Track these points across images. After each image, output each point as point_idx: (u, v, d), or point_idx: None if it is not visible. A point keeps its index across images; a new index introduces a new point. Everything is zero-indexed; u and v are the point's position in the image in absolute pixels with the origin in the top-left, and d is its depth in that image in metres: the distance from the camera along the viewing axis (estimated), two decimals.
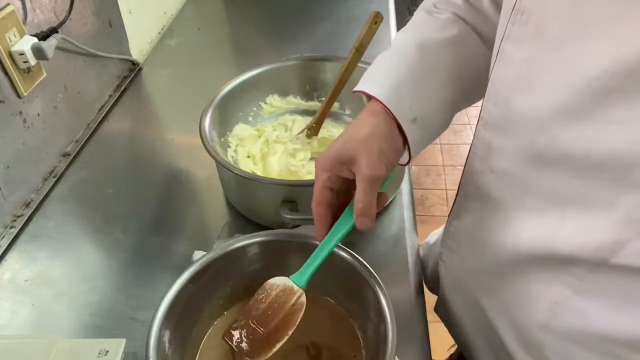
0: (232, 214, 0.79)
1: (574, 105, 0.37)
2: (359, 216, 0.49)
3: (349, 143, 0.49)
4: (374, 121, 0.51)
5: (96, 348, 0.56)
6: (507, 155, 0.46)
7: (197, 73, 1.15)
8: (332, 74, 0.89)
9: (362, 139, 0.49)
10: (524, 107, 0.43)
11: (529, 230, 0.45)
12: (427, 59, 0.54)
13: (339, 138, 0.51)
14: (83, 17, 0.95)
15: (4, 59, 0.74)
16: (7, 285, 0.70)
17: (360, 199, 0.48)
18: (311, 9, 1.35)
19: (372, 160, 0.48)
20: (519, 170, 0.45)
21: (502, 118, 0.46)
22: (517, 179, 0.46)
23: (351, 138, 0.50)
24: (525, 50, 0.42)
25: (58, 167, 0.89)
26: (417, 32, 0.57)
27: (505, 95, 0.45)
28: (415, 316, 0.63)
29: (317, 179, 0.50)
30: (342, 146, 0.49)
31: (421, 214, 2.07)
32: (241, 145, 0.85)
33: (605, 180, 0.38)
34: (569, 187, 0.41)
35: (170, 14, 1.36)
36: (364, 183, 0.48)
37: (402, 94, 0.51)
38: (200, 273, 0.55)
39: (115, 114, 1.03)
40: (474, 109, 0.56)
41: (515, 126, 0.44)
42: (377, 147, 0.49)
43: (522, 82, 0.43)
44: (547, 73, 0.40)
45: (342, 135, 0.51)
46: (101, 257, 0.74)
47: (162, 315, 0.51)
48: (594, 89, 0.36)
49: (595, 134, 0.37)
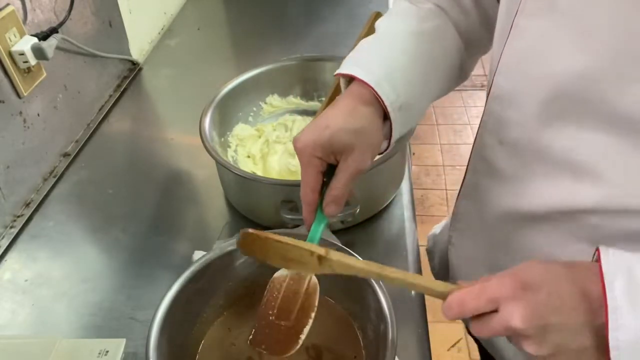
0: (232, 214, 0.79)
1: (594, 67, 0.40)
2: (331, 203, 0.49)
3: (343, 133, 0.49)
4: (367, 111, 0.50)
5: (96, 348, 0.56)
6: (517, 126, 0.49)
7: (197, 73, 1.15)
8: (332, 74, 0.88)
9: (356, 131, 0.49)
10: (538, 75, 0.45)
11: (542, 194, 0.48)
12: (414, 48, 0.55)
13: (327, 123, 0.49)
14: (83, 17, 0.95)
15: (4, 59, 0.74)
16: (7, 285, 0.70)
17: (338, 187, 0.49)
18: (311, 9, 1.35)
19: (363, 155, 0.49)
20: (529, 138, 0.48)
21: (513, 89, 0.49)
22: (526, 148, 0.49)
23: (344, 128, 0.49)
24: (539, 21, 0.44)
25: (58, 167, 0.89)
26: (401, 21, 0.58)
27: (518, 66, 0.48)
28: (415, 316, 0.63)
29: (309, 165, 0.49)
30: (335, 135, 0.49)
31: (421, 214, 2.07)
32: (241, 145, 0.85)
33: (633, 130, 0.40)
34: (585, 147, 0.44)
35: (170, 14, 1.36)
36: (348, 174, 0.49)
37: (393, 81, 0.52)
38: (200, 273, 0.55)
39: (115, 114, 1.03)
40: (474, 109, 0.57)
41: (527, 95, 0.47)
42: (369, 141, 0.50)
43: (536, 52, 0.45)
44: (561, 40, 0.42)
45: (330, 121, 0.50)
46: (101, 257, 0.74)
47: (162, 315, 0.51)
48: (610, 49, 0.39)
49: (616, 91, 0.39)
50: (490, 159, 0.55)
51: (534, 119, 0.47)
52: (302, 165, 0.50)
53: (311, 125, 0.51)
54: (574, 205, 0.46)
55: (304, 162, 0.49)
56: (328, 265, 0.47)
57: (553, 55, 0.44)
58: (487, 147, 0.55)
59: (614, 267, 0.34)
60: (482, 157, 0.56)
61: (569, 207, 0.47)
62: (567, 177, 0.46)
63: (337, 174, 0.49)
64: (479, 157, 0.57)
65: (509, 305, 0.36)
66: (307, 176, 0.50)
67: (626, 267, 0.34)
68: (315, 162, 0.49)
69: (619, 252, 0.36)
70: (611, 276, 0.34)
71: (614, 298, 0.33)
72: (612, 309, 0.33)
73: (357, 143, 0.48)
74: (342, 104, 0.51)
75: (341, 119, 0.49)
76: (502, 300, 0.36)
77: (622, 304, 0.33)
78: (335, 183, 0.49)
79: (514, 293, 0.36)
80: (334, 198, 0.49)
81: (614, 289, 0.33)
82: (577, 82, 0.42)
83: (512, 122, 0.50)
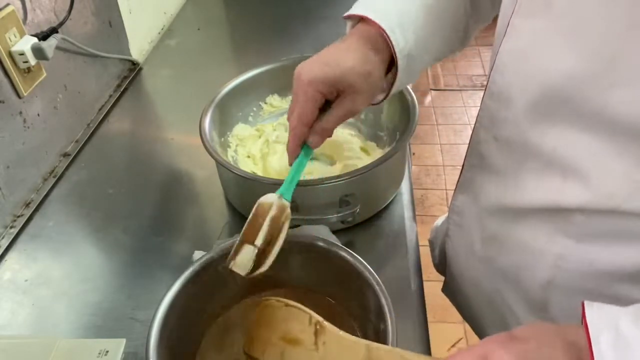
0: (232, 214, 0.79)
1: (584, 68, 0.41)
2: (318, 134, 0.51)
3: (352, 74, 0.50)
4: (375, 59, 0.52)
5: (96, 348, 0.56)
6: (510, 123, 0.50)
7: (197, 73, 1.15)
8: None
9: (364, 74, 0.50)
10: (530, 73, 0.46)
11: (532, 191, 0.50)
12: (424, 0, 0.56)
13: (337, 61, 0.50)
14: (83, 17, 0.95)
15: (4, 59, 0.74)
16: (7, 285, 0.70)
17: (330, 122, 0.51)
18: (311, 9, 1.35)
19: (363, 98, 0.51)
20: (520, 136, 0.49)
21: (506, 87, 0.50)
22: (518, 145, 0.50)
23: (354, 69, 0.50)
24: (533, 21, 0.45)
25: (58, 167, 0.89)
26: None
27: (512, 64, 0.49)
28: (415, 316, 0.63)
29: (310, 99, 0.50)
30: (345, 74, 0.50)
31: (421, 214, 2.07)
32: (241, 145, 0.85)
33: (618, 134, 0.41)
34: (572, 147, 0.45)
35: (170, 14, 1.36)
36: (344, 113, 0.51)
37: (404, 29, 0.52)
38: (200, 273, 0.55)
39: (115, 114, 1.03)
40: (474, 109, 0.58)
41: (519, 93, 0.48)
42: (372, 87, 0.52)
43: (529, 51, 0.46)
44: (553, 40, 0.44)
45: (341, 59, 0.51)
46: (101, 257, 0.74)
47: (162, 315, 0.51)
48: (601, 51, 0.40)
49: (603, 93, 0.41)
50: (485, 155, 0.56)
51: (525, 117, 0.48)
52: (302, 97, 0.50)
53: (318, 60, 0.52)
54: (561, 203, 0.47)
55: (306, 95, 0.50)
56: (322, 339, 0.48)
57: (545, 55, 0.45)
58: (482, 143, 0.56)
59: (599, 322, 0.34)
60: (478, 152, 0.57)
61: (556, 205, 0.48)
62: (557, 176, 0.47)
63: (333, 110, 0.51)
64: (474, 152, 0.58)
65: (497, 352, 0.35)
66: (305, 109, 0.51)
67: (612, 322, 0.34)
68: (317, 97, 0.50)
69: (605, 306, 0.36)
70: (596, 331, 0.34)
71: (600, 351, 0.33)
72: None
73: (362, 86, 0.50)
74: (352, 45, 0.52)
75: (351, 59, 0.51)
76: (491, 353, 0.36)
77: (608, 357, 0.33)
78: (329, 117, 0.51)
79: (504, 344, 0.36)
80: (323, 131, 0.51)
81: (599, 343, 0.33)
82: (566, 83, 0.43)
83: (505, 119, 0.51)
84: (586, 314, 0.35)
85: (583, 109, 0.43)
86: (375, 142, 0.86)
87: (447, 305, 0.77)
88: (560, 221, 0.48)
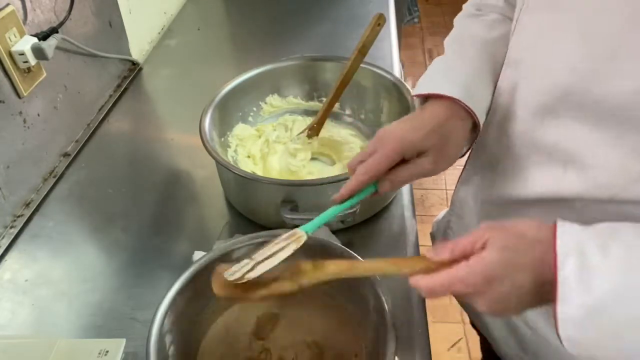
0: (232, 214, 0.79)
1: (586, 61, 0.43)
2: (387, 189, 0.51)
3: (435, 135, 0.51)
4: (460, 124, 0.53)
5: (96, 348, 0.56)
6: (517, 117, 0.52)
7: (197, 73, 1.15)
8: (332, 74, 0.89)
9: (446, 135, 0.51)
10: (536, 68, 0.48)
11: (535, 182, 0.51)
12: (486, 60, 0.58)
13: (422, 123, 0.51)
14: (83, 17, 0.95)
15: (4, 59, 0.74)
16: (7, 285, 0.70)
17: (403, 179, 0.51)
18: (311, 9, 1.35)
19: (446, 162, 0.52)
20: (527, 130, 0.51)
21: (515, 82, 0.52)
22: (524, 139, 0.52)
23: (438, 131, 0.51)
24: (540, 16, 0.48)
25: (58, 167, 0.89)
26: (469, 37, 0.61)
27: (520, 59, 0.51)
28: (415, 316, 0.63)
29: (387, 158, 0.50)
30: (428, 135, 0.51)
31: (421, 214, 2.07)
32: (241, 145, 0.85)
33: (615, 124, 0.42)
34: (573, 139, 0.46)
35: (170, 14, 1.36)
36: (419, 173, 0.51)
37: (475, 96, 0.54)
38: (200, 273, 0.55)
39: (115, 114, 1.03)
40: None
41: (526, 87, 0.50)
42: (453, 150, 0.52)
43: (535, 46, 0.49)
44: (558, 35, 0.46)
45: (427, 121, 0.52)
46: (101, 257, 0.74)
47: (162, 315, 0.51)
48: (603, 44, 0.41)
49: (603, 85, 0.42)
50: (490, 148, 0.58)
51: (531, 110, 0.50)
52: (379, 153, 0.50)
53: (402, 123, 0.53)
54: (562, 193, 0.49)
55: (386, 153, 0.50)
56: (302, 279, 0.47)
57: (550, 50, 0.47)
58: (490, 139, 0.58)
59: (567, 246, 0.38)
60: (485, 147, 0.59)
61: (557, 195, 0.49)
62: (558, 168, 0.48)
63: (410, 165, 0.51)
64: (482, 148, 0.60)
65: (475, 297, 0.41)
66: (379, 165, 0.50)
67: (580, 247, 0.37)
68: (395, 158, 0.50)
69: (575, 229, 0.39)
70: (563, 255, 0.37)
71: (564, 276, 0.37)
72: (561, 285, 0.37)
73: (443, 147, 0.51)
74: (437, 111, 0.53)
75: (437, 122, 0.52)
76: (470, 295, 0.41)
77: (571, 282, 0.36)
78: (404, 172, 0.51)
79: (481, 289, 0.40)
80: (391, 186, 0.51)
81: (564, 268, 0.37)
82: (570, 76, 0.45)
83: (513, 113, 0.53)
84: (557, 237, 0.38)
85: (584, 101, 0.44)
86: None
87: (447, 305, 0.77)
88: (559, 209, 0.49)
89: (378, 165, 0.50)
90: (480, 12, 0.63)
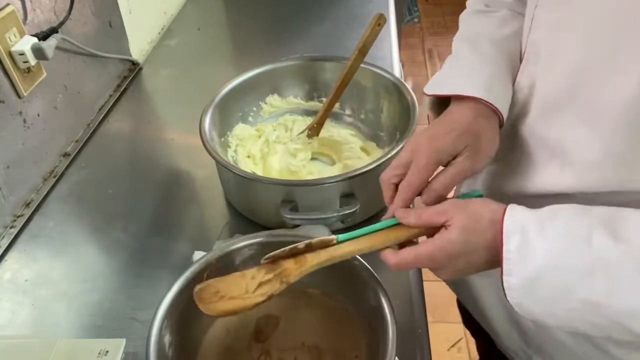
0: (232, 214, 0.79)
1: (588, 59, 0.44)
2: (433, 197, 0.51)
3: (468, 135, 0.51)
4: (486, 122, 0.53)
5: (96, 348, 0.56)
6: (526, 114, 0.53)
7: (197, 73, 1.15)
8: (332, 74, 0.89)
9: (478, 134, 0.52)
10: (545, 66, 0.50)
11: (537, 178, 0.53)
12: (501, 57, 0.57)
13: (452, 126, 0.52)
14: (83, 17, 0.95)
15: (4, 59, 0.74)
16: (7, 285, 0.70)
17: (445, 183, 0.51)
18: (311, 9, 1.35)
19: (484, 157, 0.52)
20: (538, 126, 0.52)
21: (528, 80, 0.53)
22: (530, 137, 0.53)
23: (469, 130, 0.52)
24: (553, 14, 0.48)
25: (58, 167, 0.89)
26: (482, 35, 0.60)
27: (533, 57, 0.52)
28: (415, 316, 0.63)
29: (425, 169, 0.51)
30: (461, 136, 0.51)
31: None
32: (241, 145, 0.85)
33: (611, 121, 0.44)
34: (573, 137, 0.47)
35: (170, 14, 1.36)
36: (459, 173, 0.51)
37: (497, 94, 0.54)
38: (200, 273, 0.55)
39: (115, 114, 1.03)
40: None
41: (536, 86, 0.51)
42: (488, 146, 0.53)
43: (546, 44, 0.50)
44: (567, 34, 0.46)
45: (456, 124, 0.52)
46: (101, 257, 0.74)
47: (162, 315, 0.51)
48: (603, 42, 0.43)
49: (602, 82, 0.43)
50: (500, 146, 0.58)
51: (543, 107, 0.51)
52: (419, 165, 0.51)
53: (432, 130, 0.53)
54: (562, 188, 0.50)
55: (424, 165, 0.51)
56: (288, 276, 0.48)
57: (558, 48, 0.48)
58: None
59: (512, 227, 0.43)
60: None
61: (558, 189, 0.51)
62: (558, 164, 0.50)
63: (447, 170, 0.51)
64: None
65: (437, 270, 0.47)
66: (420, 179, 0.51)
67: (523, 228, 0.43)
68: (433, 168, 0.51)
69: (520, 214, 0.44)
70: (508, 234, 0.43)
71: (508, 250, 0.43)
72: (506, 260, 0.43)
73: (477, 145, 0.51)
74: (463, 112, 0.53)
75: (465, 123, 0.52)
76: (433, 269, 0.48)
77: (513, 257, 0.43)
78: (442, 178, 0.51)
79: (444, 264, 0.46)
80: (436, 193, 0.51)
81: (509, 243, 0.43)
82: (574, 74, 0.46)
83: (528, 109, 0.53)
84: (504, 219, 0.44)
85: (584, 99, 0.45)
86: (375, 142, 0.86)
87: (447, 305, 0.77)
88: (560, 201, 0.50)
89: (419, 180, 0.51)
90: (489, 8, 0.63)
